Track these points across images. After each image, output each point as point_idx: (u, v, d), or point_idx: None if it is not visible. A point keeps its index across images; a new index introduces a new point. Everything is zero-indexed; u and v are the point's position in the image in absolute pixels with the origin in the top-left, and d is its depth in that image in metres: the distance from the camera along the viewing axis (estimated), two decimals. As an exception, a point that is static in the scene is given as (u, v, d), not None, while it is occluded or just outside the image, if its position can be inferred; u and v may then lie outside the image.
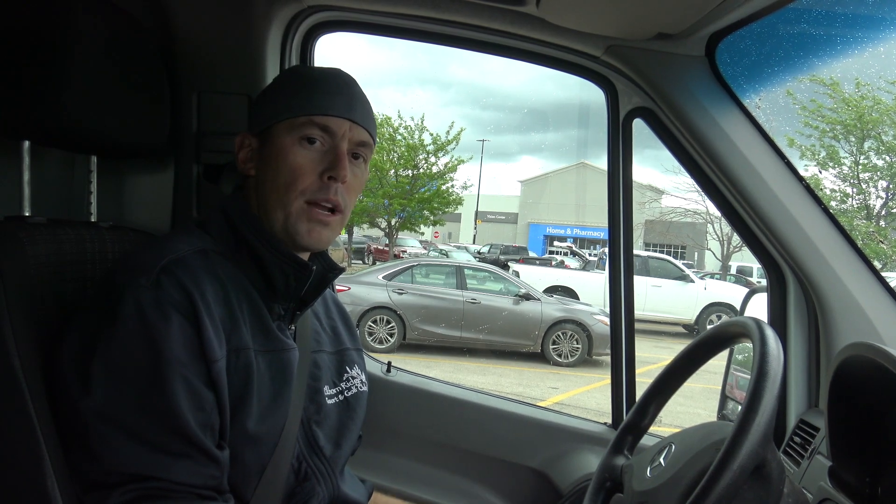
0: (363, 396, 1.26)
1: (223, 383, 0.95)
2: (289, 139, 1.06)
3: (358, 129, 1.08)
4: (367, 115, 1.12)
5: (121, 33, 1.19)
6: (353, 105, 1.09)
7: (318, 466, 1.11)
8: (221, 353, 0.95)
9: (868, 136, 13.84)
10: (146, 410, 0.89)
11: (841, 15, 1.67)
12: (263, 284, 1.07)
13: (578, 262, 18.94)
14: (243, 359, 0.99)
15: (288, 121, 1.06)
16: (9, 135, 1.09)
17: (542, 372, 9.20)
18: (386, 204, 20.62)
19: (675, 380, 1.14)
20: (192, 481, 0.91)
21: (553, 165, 51.02)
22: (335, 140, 1.06)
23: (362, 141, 1.10)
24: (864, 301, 1.39)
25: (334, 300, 1.37)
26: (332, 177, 1.05)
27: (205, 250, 1.03)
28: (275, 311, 1.09)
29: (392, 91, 62.66)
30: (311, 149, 1.06)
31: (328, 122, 1.06)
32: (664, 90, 1.48)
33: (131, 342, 0.90)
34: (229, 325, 0.98)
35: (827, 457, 1.15)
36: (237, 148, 1.12)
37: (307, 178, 1.05)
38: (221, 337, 0.96)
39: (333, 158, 1.05)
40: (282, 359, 1.06)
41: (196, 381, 0.92)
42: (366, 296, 9.70)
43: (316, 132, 1.06)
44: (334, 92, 1.08)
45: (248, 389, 0.99)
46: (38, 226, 1.03)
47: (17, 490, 0.90)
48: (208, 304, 0.95)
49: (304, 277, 1.08)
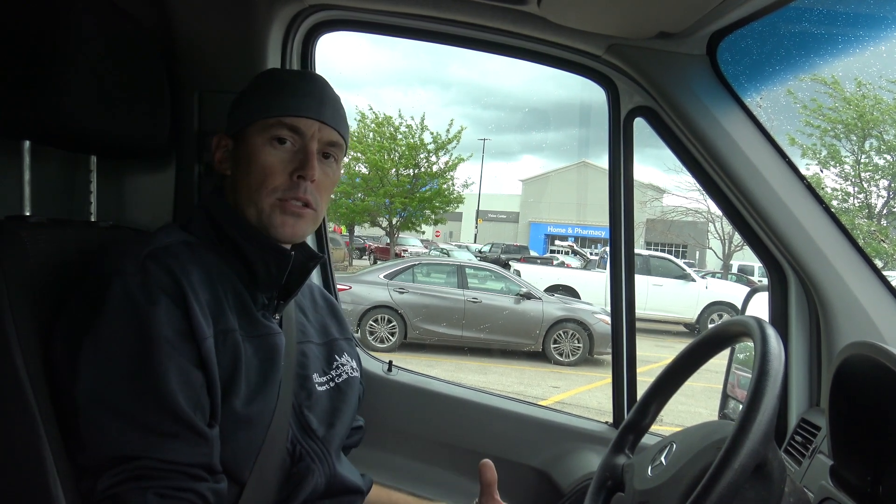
0: (354, 381, 1.27)
1: (213, 362, 0.97)
2: (260, 140, 1.09)
3: (327, 129, 1.12)
4: (338, 116, 1.15)
5: (122, 33, 1.19)
6: (323, 106, 1.12)
7: (311, 447, 1.13)
8: (210, 332, 0.97)
9: (869, 135, 13.82)
10: (136, 391, 0.91)
11: (842, 14, 1.67)
12: (246, 274, 1.10)
13: (579, 261, 18.95)
14: (231, 340, 1.01)
15: (260, 122, 1.10)
16: (9, 134, 1.09)
17: (544, 371, 9.20)
18: (387, 203, 20.62)
19: (677, 379, 1.14)
20: (182, 460, 0.92)
21: (554, 164, 50.98)
22: (304, 140, 1.10)
23: (332, 141, 1.13)
24: (866, 300, 1.38)
25: (322, 294, 1.38)
26: (301, 175, 1.08)
27: (189, 242, 1.06)
28: (259, 300, 1.11)
29: (393, 90, 62.71)
30: (281, 149, 1.09)
31: (297, 123, 1.09)
32: (665, 89, 1.47)
33: (118, 325, 0.92)
34: (215, 309, 1.01)
35: (828, 456, 1.15)
36: (214, 148, 1.16)
37: (277, 177, 1.08)
38: (209, 318, 0.98)
39: (303, 158, 1.09)
40: (268, 343, 1.08)
41: (185, 362, 0.94)
42: (367, 295, 9.71)
43: (286, 133, 1.09)
44: (304, 93, 1.11)
45: (237, 370, 1.01)
46: (38, 225, 1.04)
47: (20, 487, 0.90)
48: (194, 288, 0.98)
49: (284, 264, 1.10)
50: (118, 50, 1.17)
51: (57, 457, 0.90)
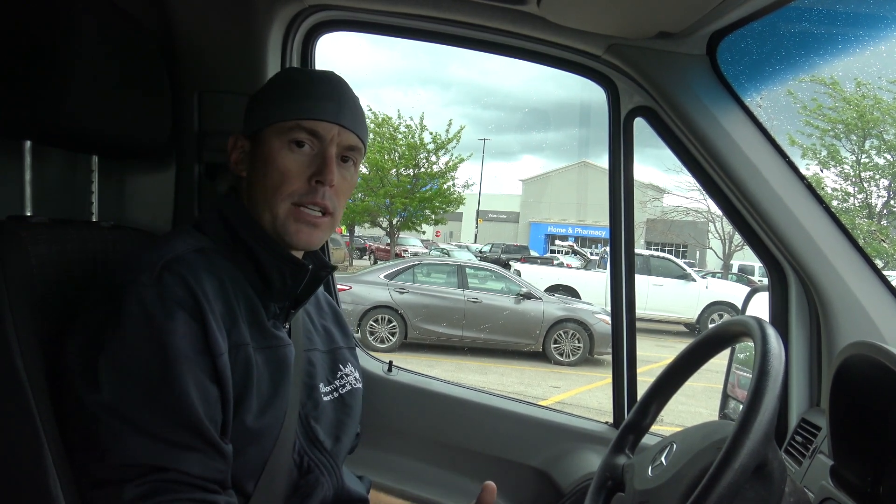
0: (358, 393, 1.26)
1: (227, 377, 0.96)
2: (278, 142, 1.07)
3: (347, 133, 1.09)
4: (357, 120, 1.12)
5: (122, 33, 1.19)
6: (343, 110, 1.10)
7: (320, 459, 1.12)
8: (224, 346, 0.96)
9: (869, 135, 13.82)
10: (156, 406, 0.90)
11: (842, 14, 1.67)
12: (260, 283, 1.08)
13: (580, 261, 18.95)
14: (243, 354, 1.00)
15: (278, 124, 1.07)
16: (10, 134, 1.10)
17: (544, 371, 9.20)
18: (387, 203, 20.62)
19: (677, 379, 1.14)
20: (202, 474, 0.91)
21: (554, 164, 51.03)
22: (323, 144, 1.07)
23: (351, 145, 1.10)
24: (866, 300, 1.38)
25: (326, 300, 1.37)
26: (319, 181, 1.06)
27: (203, 249, 1.04)
28: (270, 309, 1.09)
29: (393, 91, 62.74)
30: (299, 152, 1.07)
31: (316, 127, 1.07)
32: (665, 89, 1.47)
33: (137, 340, 0.90)
34: (229, 322, 0.99)
35: (828, 456, 1.15)
36: (230, 149, 1.14)
37: (295, 181, 1.06)
38: (224, 332, 0.97)
39: (321, 163, 1.06)
40: (279, 355, 1.06)
41: (203, 377, 0.93)
42: (367, 295, 9.71)
43: (304, 136, 1.07)
44: (324, 97, 1.09)
45: (248, 385, 1.00)
46: (39, 225, 1.03)
47: (20, 489, 0.90)
48: (209, 300, 0.96)
49: (301, 276, 1.09)
50: (119, 50, 1.17)
51: (56, 457, 0.90)
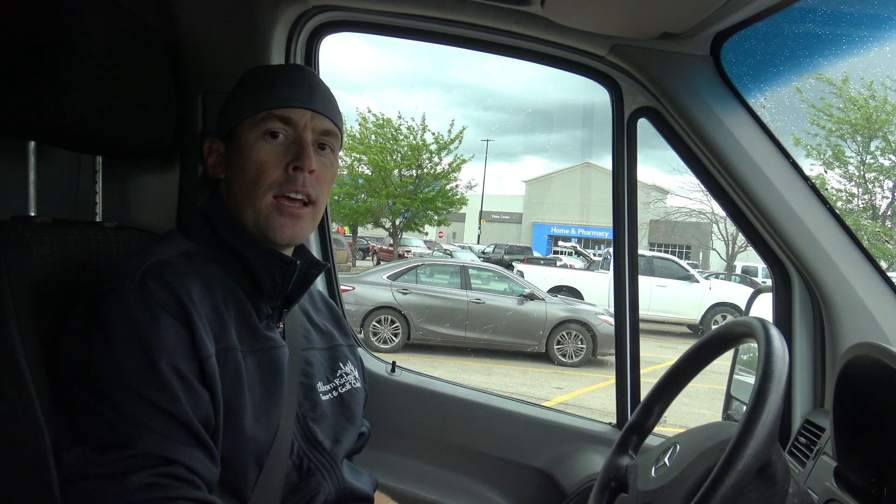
0: (358, 392, 1.25)
1: (216, 381, 0.95)
2: (252, 136, 1.07)
3: (320, 117, 1.09)
4: (329, 104, 1.12)
5: (126, 34, 1.19)
6: (314, 95, 1.10)
7: (320, 461, 1.11)
8: (212, 349, 0.95)
9: (875, 135, 13.78)
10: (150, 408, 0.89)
11: (846, 14, 1.67)
12: (249, 284, 1.07)
13: (583, 262, 18.93)
14: (232, 359, 0.99)
15: (249, 118, 1.08)
16: (14, 135, 1.10)
17: (547, 372, 9.19)
18: (390, 204, 20.63)
19: (680, 380, 1.13)
20: (200, 471, 0.91)
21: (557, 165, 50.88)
22: (297, 131, 1.07)
23: (326, 129, 1.10)
24: (870, 301, 1.38)
25: (323, 298, 1.37)
26: (297, 167, 1.05)
27: (188, 252, 1.04)
28: (262, 310, 1.09)
29: (395, 92, 62.62)
30: (274, 143, 1.07)
31: (288, 114, 1.07)
32: (669, 90, 1.47)
33: (121, 344, 0.89)
34: (217, 325, 0.98)
35: (832, 457, 1.15)
36: (206, 154, 1.13)
37: (273, 171, 1.05)
38: (210, 335, 0.96)
39: (298, 149, 1.06)
40: (271, 357, 1.05)
41: (191, 379, 0.92)
42: (370, 295, 9.71)
43: (277, 125, 1.07)
44: (292, 84, 1.09)
45: (239, 389, 0.99)
46: (43, 226, 1.04)
47: (22, 486, 0.91)
48: (195, 303, 0.95)
49: (290, 274, 1.08)
50: (123, 51, 1.17)
51: (58, 455, 0.90)
